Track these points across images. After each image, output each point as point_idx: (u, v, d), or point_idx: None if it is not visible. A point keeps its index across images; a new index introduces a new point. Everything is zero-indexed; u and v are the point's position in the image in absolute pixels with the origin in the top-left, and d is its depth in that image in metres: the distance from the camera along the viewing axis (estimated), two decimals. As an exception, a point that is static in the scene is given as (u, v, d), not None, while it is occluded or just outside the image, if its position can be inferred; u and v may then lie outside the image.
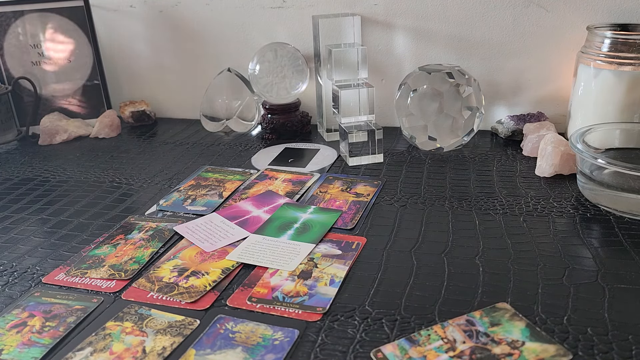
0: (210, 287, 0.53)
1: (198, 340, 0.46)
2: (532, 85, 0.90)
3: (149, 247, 0.60)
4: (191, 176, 0.80)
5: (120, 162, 0.88)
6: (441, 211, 0.66)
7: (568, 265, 0.54)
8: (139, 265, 0.57)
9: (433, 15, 0.90)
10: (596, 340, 0.44)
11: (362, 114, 0.84)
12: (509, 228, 0.61)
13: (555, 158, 0.72)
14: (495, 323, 0.46)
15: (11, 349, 0.46)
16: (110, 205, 0.72)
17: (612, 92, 0.75)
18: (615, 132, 0.73)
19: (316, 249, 0.59)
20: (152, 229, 0.64)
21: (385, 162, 0.82)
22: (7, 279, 0.56)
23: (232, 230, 0.63)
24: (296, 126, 0.96)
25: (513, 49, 0.89)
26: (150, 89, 1.11)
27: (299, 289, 0.52)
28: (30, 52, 1.01)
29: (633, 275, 0.51)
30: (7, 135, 0.99)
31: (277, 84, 0.92)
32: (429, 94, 0.79)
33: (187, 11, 1.02)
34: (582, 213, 0.64)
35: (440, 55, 0.92)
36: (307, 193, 0.73)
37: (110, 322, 0.48)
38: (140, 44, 1.07)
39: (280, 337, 0.46)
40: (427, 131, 0.81)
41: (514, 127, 0.86)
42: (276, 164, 0.84)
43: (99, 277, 0.55)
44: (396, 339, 0.45)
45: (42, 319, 0.49)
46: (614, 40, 0.75)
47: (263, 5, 0.97)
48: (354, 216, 0.66)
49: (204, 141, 0.95)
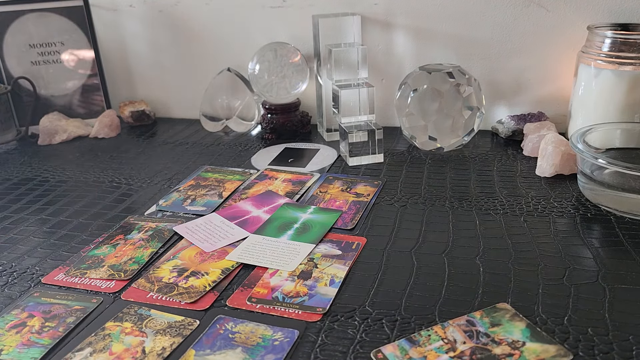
0: (210, 287, 0.53)
1: (198, 340, 0.46)
2: (532, 85, 0.90)
3: (148, 248, 0.60)
4: (191, 176, 0.80)
5: (120, 162, 0.88)
6: (441, 211, 0.66)
7: (569, 266, 0.53)
8: (139, 266, 0.57)
9: (433, 15, 0.90)
10: (597, 340, 0.43)
11: (362, 114, 0.84)
12: (509, 228, 0.61)
13: (555, 158, 0.72)
14: (496, 323, 0.46)
15: (10, 350, 0.46)
16: (109, 205, 0.72)
17: (612, 92, 0.75)
18: (615, 132, 0.73)
19: (316, 249, 0.59)
20: (151, 229, 0.64)
21: (386, 162, 0.82)
22: (6, 279, 0.56)
23: (232, 231, 0.63)
24: (296, 126, 0.95)
25: (513, 49, 0.88)
26: (150, 89, 1.11)
27: (299, 289, 0.52)
28: (30, 52, 1.01)
29: (634, 276, 0.51)
30: (7, 135, 0.99)
31: (277, 84, 0.92)
32: (429, 93, 0.79)
33: (187, 11, 1.02)
34: (582, 213, 0.64)
35: (441, 55, 0.92)
36: (307, 193, 0.73)
37: (110, 323, 0.48)
38: (139, 43, 1.07)
39: (280, 338, 0.45)
40: (428, 131, 0.81)
41: (515, 127, 0.86)
42: (276, 164, 0.83)
43: (98, 277, 0.55)
44: (396, 340, 0.45)
45: (42, 319, 0.49)
46: (614, 40, 0.75)
47: (263, 5, 0.97)
48: (354, 216, 0.65)
49: (203, 141, 0.95)
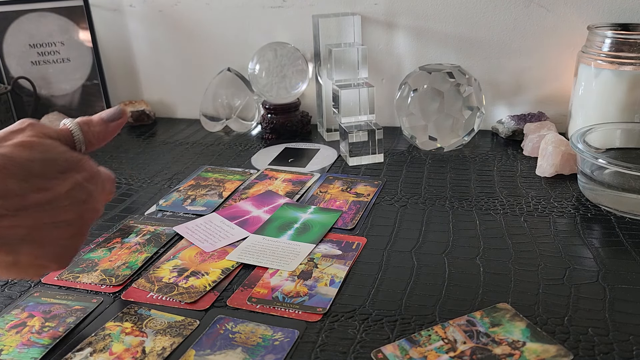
0: (210, 287, 0.53)
1: (198, 340, 0.46)
2: (532, 85, 0.90)
3: (143, 252, 0.59)
4: (191, 176, 0.80)
5: (120, 162, 0.88)
6: (442, 211, 0.66)
7: (569, 266, 0.53)
8: (131, 271, 0.56)
9: (433, 14, 0.90)
10: (597, 340, 0.43)
11: (362, 114, 0.84)
12: (509, 228, 0.61)
13: (555, 158, 0.72)
14: (496, 323, 0.46)
15: (11, 350, 0.46)
16: (109, 205, 0.72)
17: (612, 91, 0.75)
18: (616, 132, 0.73)
19: (316, 249, 0.59)
20: (149, 233, 0.64)
21: (386, 162, 0.82)
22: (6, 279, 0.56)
23: (232, 231, 0.63)
24: (296, 126, 0.95)
25: (513, 49, 0.88)
26: (150, 89, 1.11)
27: (299, 290, 0.52)
28: (30, 52, 1.01)
29: (634, 276, 0.51)
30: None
31: (277, 84, 0.92)
32: (430, 93, 0.79)
33: (187, 11, 1.02)
34: (582, 213, 0.64)
35: (441, 54, 0.92)
36: (307, 193, 0.73)
37: (110, 323, 0.48)
38: (140, 43, 1.07)
39: (280, 338, 0.45)
40: (428, 131, 0.81)
41: (515, 127, 0.86)
42: (276, 164, 0.83)
43: (89, 282, 0.54)
44: (396, 340, 0.44)
45: (42, 319, 0.49)
46: (614, 40, 0.74)
47: (263, 5, 0.97)
48: (354, 216, 0.65)
49: (203, 141, 0.95)
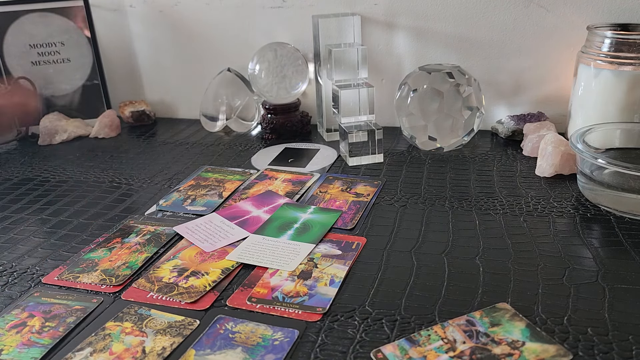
0: (210, 287, 0.53)
1: (198, 340, 0.46)
2: (532, 85, 0.90)
3: (143, 252, 0.60)
4: (191, 176, 0.80)
5: (120, 162, 0.88)
6: (441, 211, 0.66)
7: (568, 266, 0.54)
8: (131, 271, 0.56)
9: (433, 15, 0.90)
10: (596, 340, 0.43)
11: (362, 114, 0.84)
12: (509, 228, 0.61)
13: (555, 158, 0.72)
14: (496, 323, 0.46)
15: (11, 349, 0.46)
16: (109, 206, 0.72)
17: (612, 92, 0.75)
18: (615, 132, 0.73)
19: (316, 249, 0.59)
20: (150, 233, 0.64)
21: (385, 162, 0.82)
22: (6, 279, 0.56)
23: (232, 231, 0.63)
24: (296, 126, 0.95)
25: (513, 49, 0.88)
26: (150, 89, 1.11)
27: (299, 289, 0.52)
28: (30, 52, 1.01)
29: (633, 276, 0.51)
30: (7, 135, 0.99)
31: (277, 84, 0.92)
32: (429, 93, 0.79)
33: (187, 11, 1.02)
34: (582, 213, 0.64)
35: (440, 55, 0.92)
36: (307, 193, 0.73)
37: (110, 323, 0.48)
38: (140, 43, 1.07)
39: (280, 338, 0.45)
40: (427, 131, 0.81)
41: (514, 127, 0.86)
42: (276, 164, 0.84)
43: (89, 282, 0.55)
44: (396, 339, 0.45)
45: (42, 319, 0.49)
46: (614, 40, 0.75)
47: (263, 5, 0.97)
48: (354, 216, 0.66)
49: (203, 141, 0.95)
